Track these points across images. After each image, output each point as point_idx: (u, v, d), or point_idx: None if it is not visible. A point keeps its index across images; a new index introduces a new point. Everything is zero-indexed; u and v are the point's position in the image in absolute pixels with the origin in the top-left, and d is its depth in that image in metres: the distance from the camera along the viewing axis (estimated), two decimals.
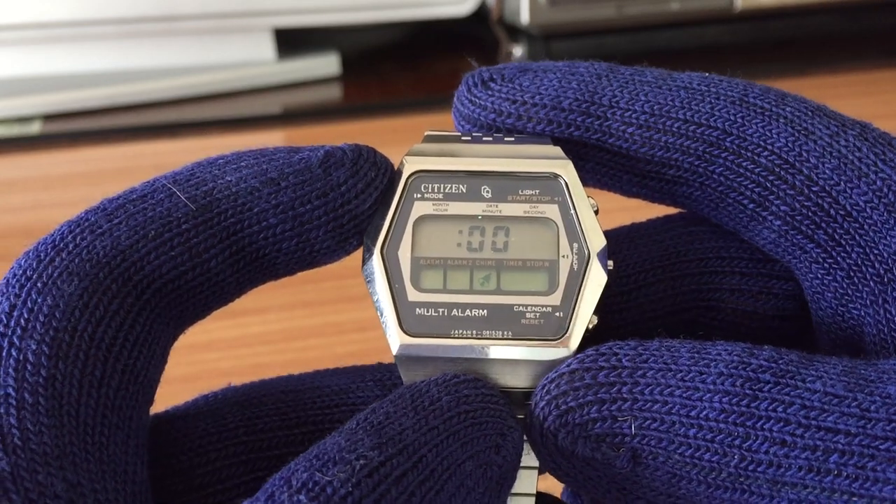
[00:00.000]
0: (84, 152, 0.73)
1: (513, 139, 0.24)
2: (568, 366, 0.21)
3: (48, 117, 0.78)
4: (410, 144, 0.25)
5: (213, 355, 0.47)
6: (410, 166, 0.23)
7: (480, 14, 0.88)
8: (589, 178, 0.25)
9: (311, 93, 0.85)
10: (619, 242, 0.26)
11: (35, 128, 0.76)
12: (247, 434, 0.23)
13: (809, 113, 0.23)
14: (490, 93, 0.24)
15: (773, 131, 0.22)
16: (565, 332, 0.22)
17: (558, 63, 0.25)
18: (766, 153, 0.22)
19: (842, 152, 0.22)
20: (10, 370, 0.18)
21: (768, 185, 0.23)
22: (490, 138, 0.24)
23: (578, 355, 0.21)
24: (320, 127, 0.77)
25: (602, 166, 0.24)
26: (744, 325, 0.25)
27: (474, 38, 0.95)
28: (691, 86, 0.23)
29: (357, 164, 0.23)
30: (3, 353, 0.19)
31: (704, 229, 0.26)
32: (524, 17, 0.83)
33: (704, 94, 0.23)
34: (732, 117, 0.23)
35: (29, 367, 0.18)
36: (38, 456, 0.17)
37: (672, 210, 0.26)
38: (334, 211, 0.22)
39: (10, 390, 0.18)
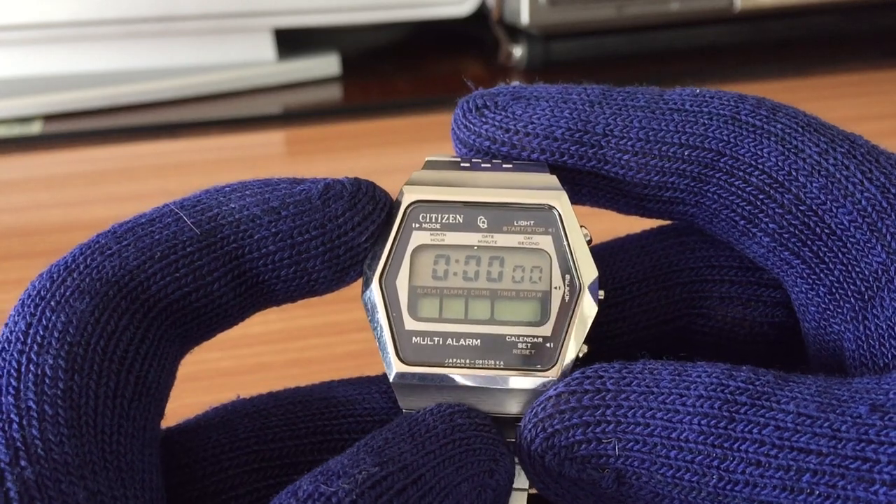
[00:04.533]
0: (84, 152, 0.73)
1: (511, 166, 0.25)
2: (555, 389, 0.21)
3: (48, 117, 0.78)
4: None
5: (214, 355, 0.47)
6: (409, 196, 0.24)
7: (480, 14, 0.88)
8: (586, 200, 0.26)
9: (311, 93, 0.85)
10: (613, 254, 0.27)
11: (35, 128, 0.76)
12: (257, 444, 0.24)
13: (800, 129, 0.23)
14: (484, 120, 0.25)
15: (765, 150, 0.23)
16: (555, 362, 0.23)
17: (551, 89, 0.25)
18: (757, 172, 0.23)
19: (830, 171, 0.22)
20: (30, 384, 0.19)
21: (759, 203, 0.23)
22: (488, 165, 0.25)
23: (565, 379, 0.22)
24: (320, 127, 0.77)
25: (598, 191, 0.25)
26: (734, 332, 0.26)
27: (474, 38, 0.95)
28: (683, 107, 0.24)
29: (355, 198, 0.23)
30: (23, 369, 0.19)
31: (696, 239, 0.27)
32: (524, 17, 0.83)
33: (697, 114, 0.24)
34: (725, 137, 0.23)
35: (47, 381, 0.19)
36: (61, 465, 0.18)
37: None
38: (331, 242, 0.23)
39: (31, 403, 0.19)
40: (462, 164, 0.25)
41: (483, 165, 0.25)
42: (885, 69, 0.84)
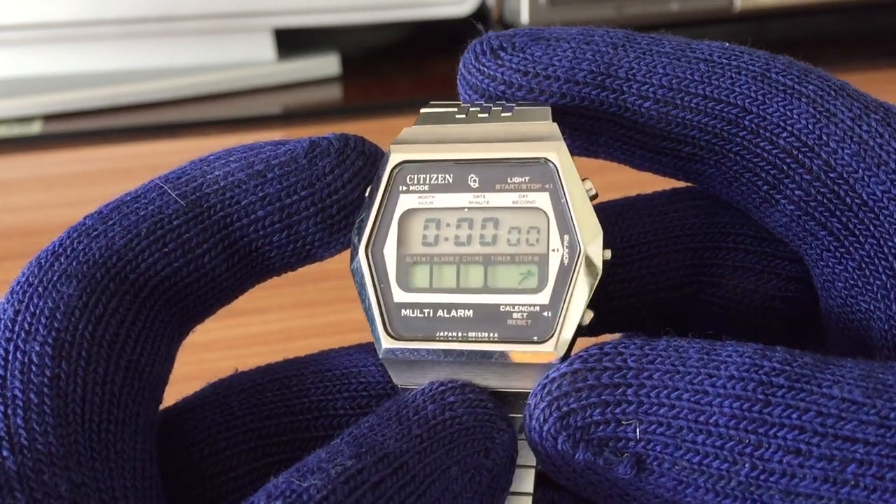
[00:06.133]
0: (84, 152, 0.73)
1: (510, 114, 0.23)
2: (570, 365, 0.20)
3: (48, 117, 0.78)
4: None
5: (213, 355, 0.47)
6: (395, 157, 0.22)
7: (480, 14, 0.88)
8: (601, 151, 0.24)
9: (311, 93, 0.85)
10: (622, 212, 0.25)
11: (35, 128, 0.76)
12: (253, 422, 0.23)
13: (832, 92, 0.22)
14: (500, 62, 0.23)
15: (794, 111, 0.22)
16: (553, 333, 0.21)
17: (572, 30, 0.24)
18: (785, 134, 0.22)
19: (863, 137, 0.21)
20: (17, 372, 0.19)
21: (784, 167, 0.22)
22: (486, 115, 0.23)
23: (581, 353, 0.20)
24: (320, 127, 0.77)
25: (615, 140, 0.23)
26: (744, 304, 0.25)
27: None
28: (711, 58, 0.22)
29: (343, 154, 0.22)
30: (10, 357, 0.19)
31: (710, 203, 0.25)
32: (524, 17, 0.83)
33: (725, 67, 0.22)
34: (753, 94, 0.22)
35: (34, 369, 0.19)
36: (44, 456, 0.18)
37: (681, 183, 0.25)
38: (322, 201, 0.22)
39: (17, 391, 0.18)
40: (458, 116, 0.23)
41: (480, 115, 0.23)
42: (885, 69, 0.84)
